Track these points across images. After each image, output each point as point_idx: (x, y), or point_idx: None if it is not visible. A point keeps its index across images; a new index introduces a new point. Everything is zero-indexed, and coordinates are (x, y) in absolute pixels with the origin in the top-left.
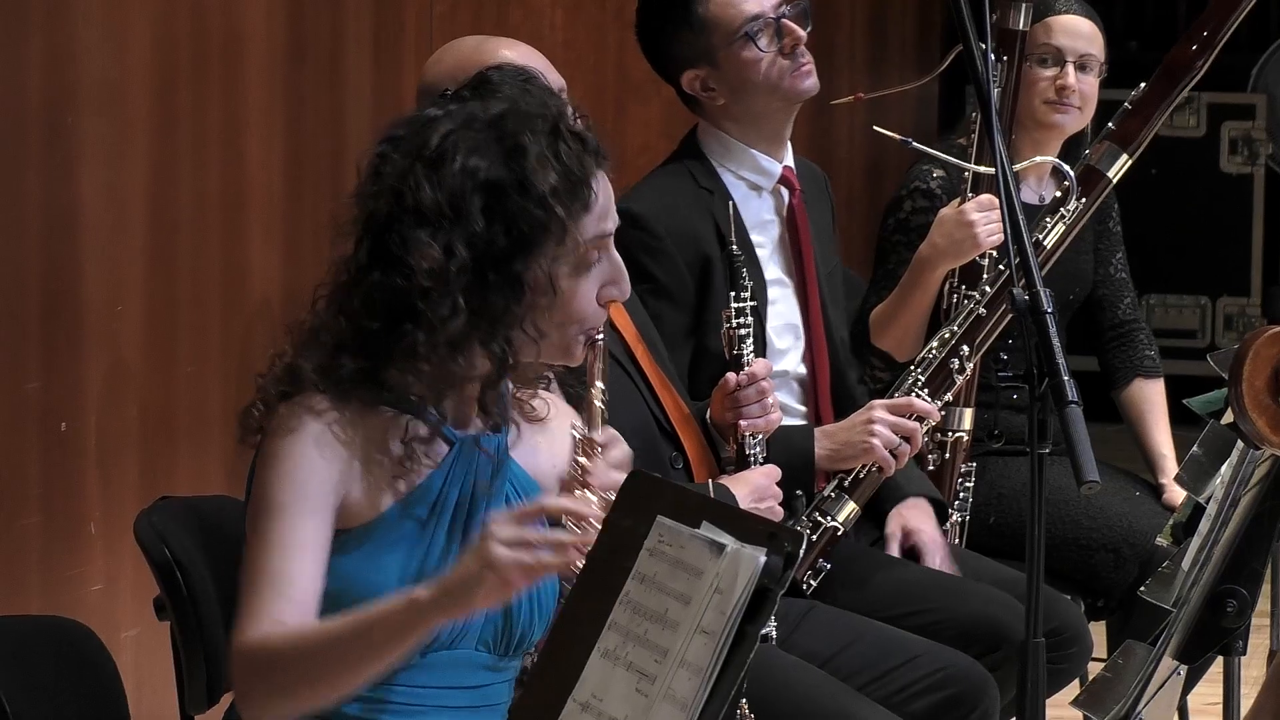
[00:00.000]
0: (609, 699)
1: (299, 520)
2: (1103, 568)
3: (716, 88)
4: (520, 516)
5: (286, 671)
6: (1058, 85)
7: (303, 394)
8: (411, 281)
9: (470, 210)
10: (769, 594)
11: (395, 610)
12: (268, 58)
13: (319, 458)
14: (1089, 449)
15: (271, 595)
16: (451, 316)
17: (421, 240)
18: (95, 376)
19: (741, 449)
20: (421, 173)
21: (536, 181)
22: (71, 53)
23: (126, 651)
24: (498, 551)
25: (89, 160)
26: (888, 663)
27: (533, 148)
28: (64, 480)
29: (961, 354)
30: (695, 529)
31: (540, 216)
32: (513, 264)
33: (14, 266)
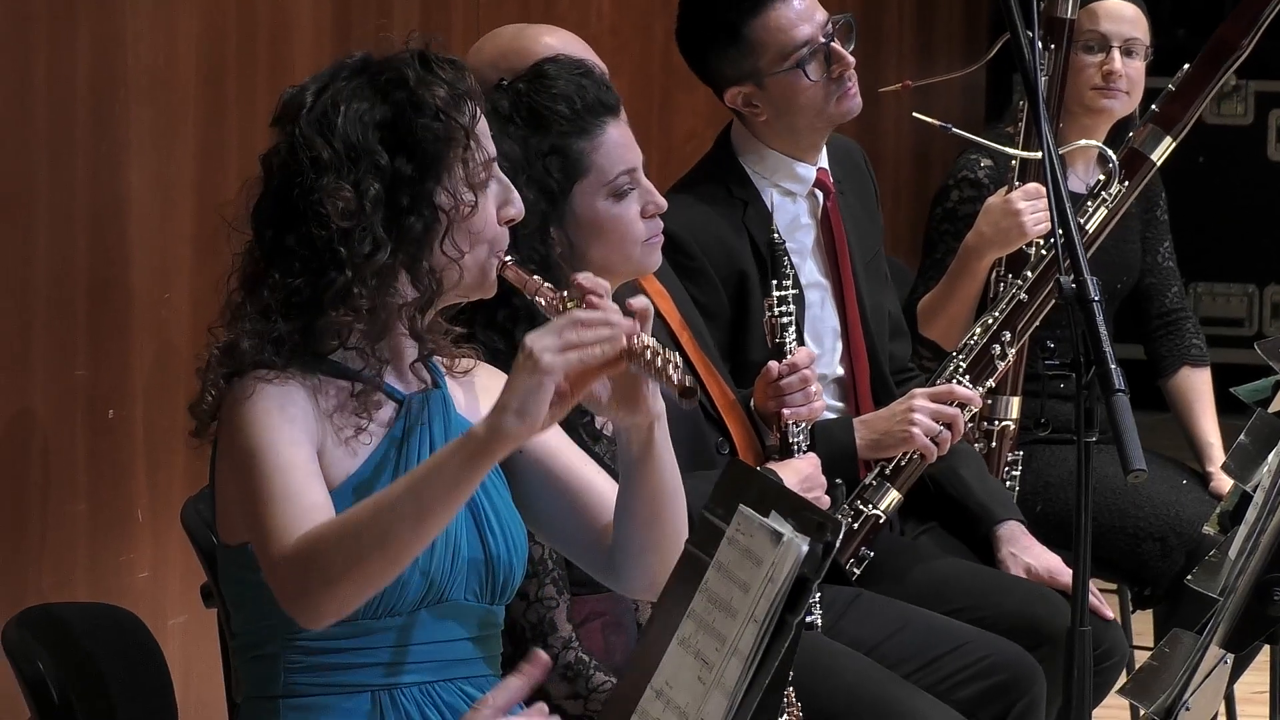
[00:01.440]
0: (677, 686)
1: (289, 449)
2: (1150, 556)
3: (761, 105)
4: (554, 327)
5: (336, 554)
6: (1104, 71)
7: (245, 370)
8: (328, 227)
9: (369, 146)
10: (807, 583)
11: (452, 449)
12: (315, 46)
13: (289, 405)
14: (1136, 437)
15: (291, 509)
16: (375, 250)
17: (329, 185)
18: (143, 364)
19: (785, 437)
20: (308, 130)
21: (427, 100)
22: (120, 41)
23: (174, 638)
24: (548, 358)
25: (137, 148)
26: (935, 650)
27: (410, 73)
28: (111, 468)
29: (1003, 339)
30: (765, 518)
31: (439, 128)
32: (424, 184)
33: (62, 254)
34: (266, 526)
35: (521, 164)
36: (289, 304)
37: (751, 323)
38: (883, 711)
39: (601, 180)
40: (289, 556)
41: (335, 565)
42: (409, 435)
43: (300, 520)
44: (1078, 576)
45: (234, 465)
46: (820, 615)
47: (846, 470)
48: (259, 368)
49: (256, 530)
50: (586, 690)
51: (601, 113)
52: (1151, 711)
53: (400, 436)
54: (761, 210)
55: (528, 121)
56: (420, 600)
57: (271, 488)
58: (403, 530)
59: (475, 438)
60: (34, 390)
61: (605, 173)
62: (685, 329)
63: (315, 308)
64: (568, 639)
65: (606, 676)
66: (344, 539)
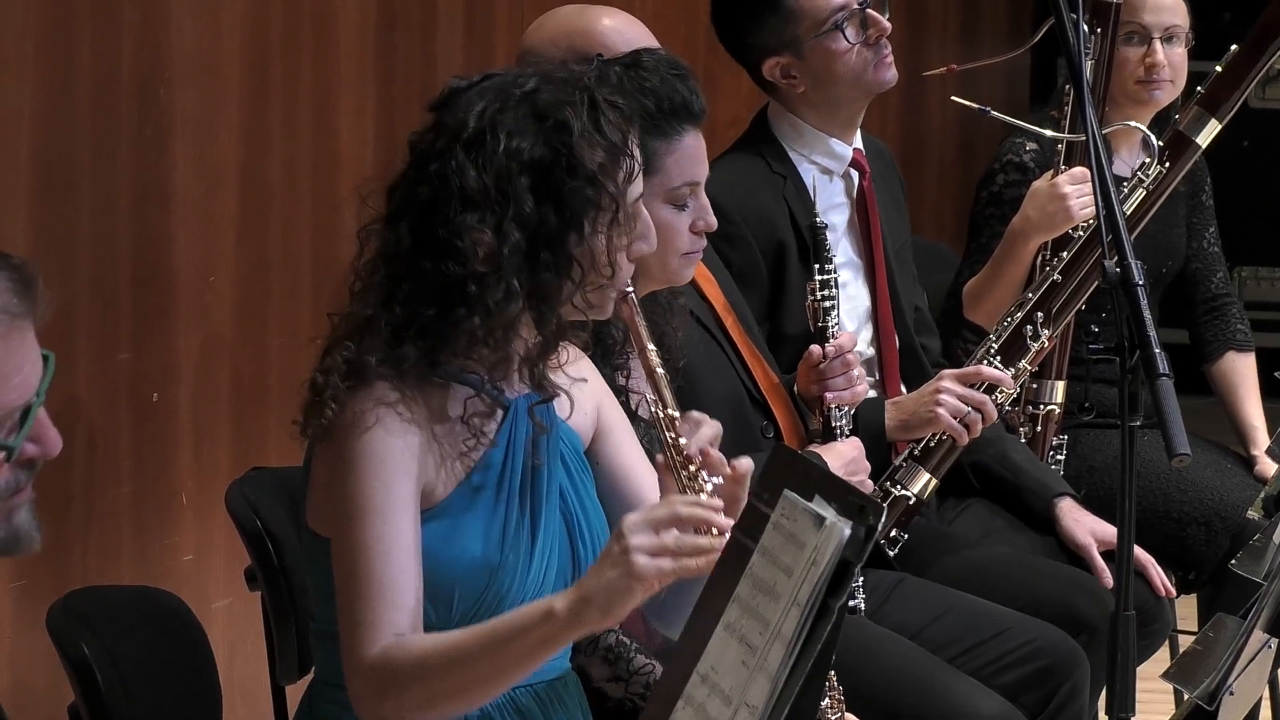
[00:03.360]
0: (722, 671)
1: (395, 521)
2: (1194, 541)
3: (798, 76)
4: (654, 523)
5: (417, 688)
6: (1147, 64)
7: (367, 385)
8: (466, 267)
9: (518, 191)
10: (849, 567)
11: (531, 623)
12: (359, 28)
13: (400, 449)
14: (1180, 422)
15: (383, 605)
16: (506, 300)
17: (471, 225)
18: (187, 347)
19: (827, 421)
20: (462, 156)
21: (585, 160)
22: (164, 25)
23: (218, 622)
24: (642, 563)
25: (181, 132)
26: (978, 635)
27: (575, 124)
28: (156, 451)
29: (1035, 320)
30: (809, 502)
31: (591, 195)
32: (565, 242)
33: (106, 237)
34: (353, 613)
35: None
36: (419, 330)
37: (789, 296)
38: (925, 696)
39: (665, 184)
40: (369, 669)
41: (414, 699)
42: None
43: (390, 625)
44: (1122, 561)
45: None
46: (863, 600)
47: (876, 451)
48: (379, 381)
49: (345, 607)
50: (628, 673)
51: (685, 119)
52: (1195, 696)
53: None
54: (800, 186)
55: None
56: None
57: (370, 570)
58: (476, 686)
59: (555, 620)
60: (78, 374)
61: (671, 178)
62: (730, 312)
63: (444, 342)
64: None
65: (648, 659)
66: (426, 676)
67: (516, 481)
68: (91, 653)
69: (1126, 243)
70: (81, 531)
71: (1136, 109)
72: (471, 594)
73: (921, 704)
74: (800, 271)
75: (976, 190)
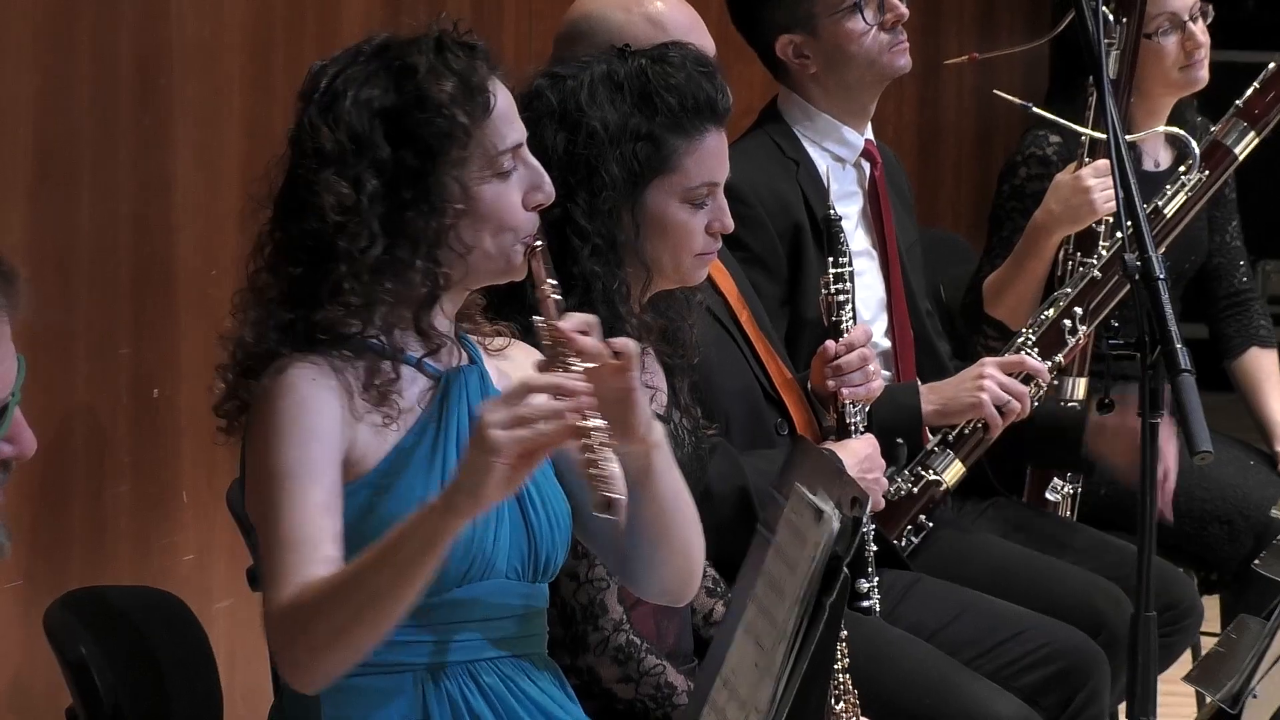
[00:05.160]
0: (740, 674)
1: (306, 480)
2: (1216, 540)
3: (811, 55)
4: (508, 398)
5: (321, 621)
6: (1188, 47)
7: (264, 363)
8: (326, 221)
9: (374, 140)
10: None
11: (413, 526)
12: (364, 16)
13: (312, 411)
14: (1202, 418)
15: (295, 560)
16: (370, 245)
17: (328, 180)
18: (189, 342)
19: (842, 417)
20: (315, 116)
21: (432, 92)
22: (165, 13)
23: (219, 623)
24: (496, 435)
25: (182, 122)
26: (995, 636)
27: (421, 63)
28: (156, 448)
29: (1074, 315)
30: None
31: (442, 125)
32: (425, 178)
33: (106, 230)
34: (266, 571)
35: (615, 137)
36: (290, 294)
37: (807, 280)
38: (942, 699)
39: (683, 184)
40: (279, 619)
41: (320, 633)
42: (445, 411)
43: (299, 572)
44: (1143, 561)
45: (255, 467)
46: (878, 600)
47: (910, 434)
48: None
49: (263, 567)
50: (638, 674)
51: (709, 118)
52: (1217, 699)
53: (438, 412)
54: (813, 171)
55: (636, 100)
56: (461, 577)
57: (283, 530)
58: (377, 603)
59: (431, 513)
60: (77, 369)
61: (690, 178)
62: (744, 307)
63: (314, 300)
64: (619, 621)
65: (659, 660)
66: (331, 606)
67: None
68: (90, 655)
69: (1148, 236)
70: (80, 530)
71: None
72: None
73: (938, 707)
74: (818, 256)
75: (998, 183)
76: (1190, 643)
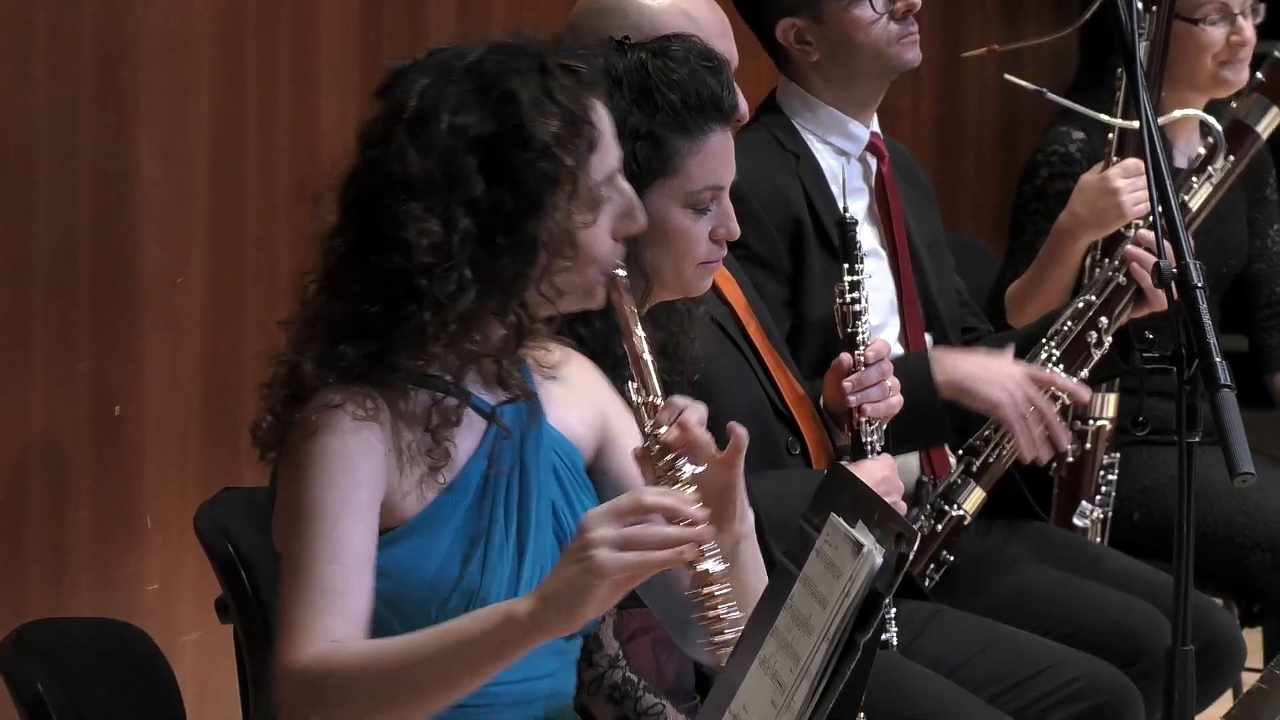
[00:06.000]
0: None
1: (347, 527)
2: (1258, 568)
3: (814, 42)
4: (617, 513)
5: (350, 694)
6: (1233, 42)
7: (311, 391)
8: (411, 260)
9: (465, 173)
10: (878, 599)
11: (490, 627)
12: (342, 6)
13: (356, 452)
14: (1243, 437)
15: (324, 610)
16: (459, 292)
17: (416, 214)
18: (153, 356)
19: (858, 436)
20: (404, 139)
21: (537, 131)
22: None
23: (186, 657)
24: (603, 558)
25: (146, 118)
26: (1021, 672)
27: (523, 93)
28: (118, 470)
29: (1100, 326)
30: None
31: (547, 169)
32: (523, 225)
33: (64, 235)
34: (289, 617)
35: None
36: (360, 329)
37: (810, 279)
38: None
39: (686, 187)
40: (300, 671)
41: (345, 706)
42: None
43: (328, 631)
44: (1180, 591)
45: (288, 507)
46: (896, 633)
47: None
48: (325, 390)
49: (283, 611)
50: (635, 713)
51: (713, 117)
52: None
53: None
54: (814, 165)
55: (636, 96)
56: None
57: (314, 576)
58: (425, 692)
59: (515, 624)
60: (33, 385)
61: (693, 181)
62: (752, 318)
63: (389, 340)
64: (614, 657)
65: (657, 698)
66: (361, 681)
67: (501, 498)
68: (46, 692)
69: (1185, 240)
70: (37, 558)
71: (1205, 94)
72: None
73: None
74: (820, 254)
75: (1019, 184)
76: (1231, 684)
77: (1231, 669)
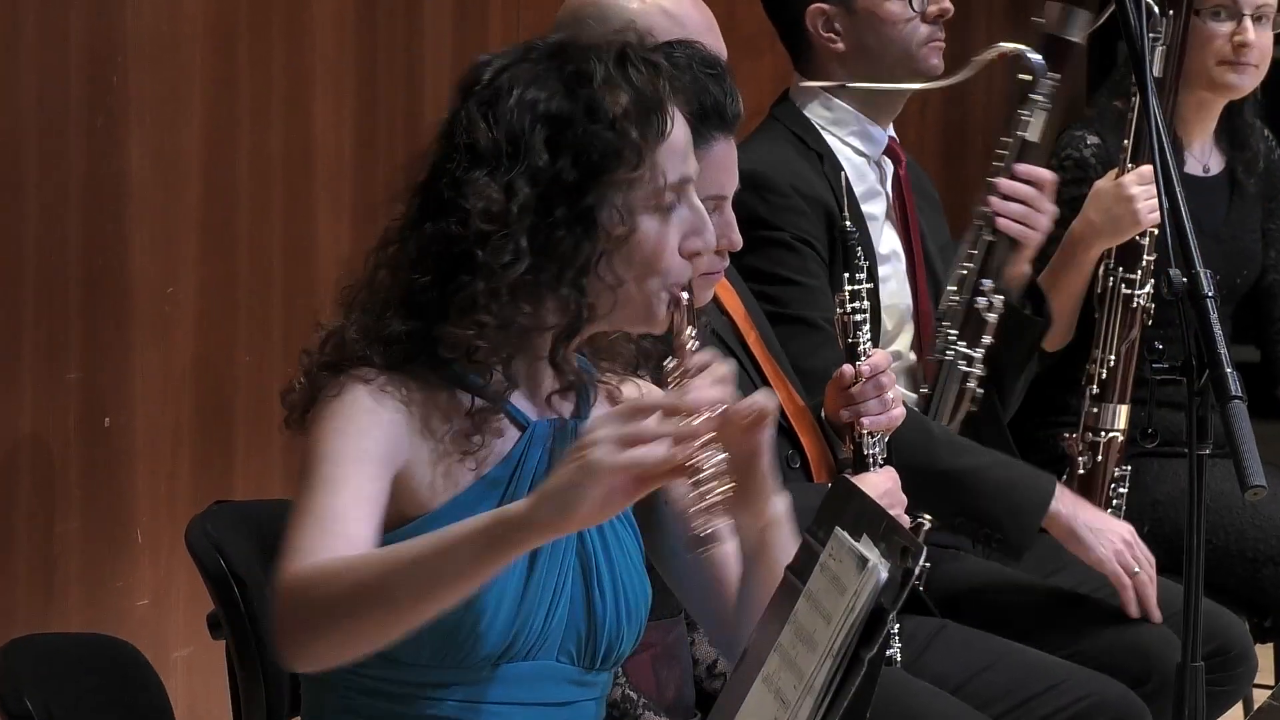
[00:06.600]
0: None
1: (351, 466)
2: (1269, 582)
3: (841, 33)
4: (619, 415)
5: (336, 597)
6: (1235, 42)
7: (347, 362)
8: (467, 226)
9: (533, 144)
10: (883, 615)
11: (477, 527)
12: (336, 9)
13: (376, 414)
14: (1254, 449)
15: (318, 531)
16: (514, 261)
17: (478, 180)
18: (143, 365)
19: (859, 449)
20: (475, 111)
21: (605, 104)
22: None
23: (177, 673)
24: (599, 454)
25: (137, 122)
26: (1028, 689)
27: (598, 71)
28: (108, 482)
29: (985, 289)
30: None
31: (611, 140)
32: (583, 196)
33: (53, 242)
34: (289, 542)
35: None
36: (410, 302)
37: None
38: None
39: None
40: (289, 585)
41: (325, 612)
42: (522, 467)
43: (323, 547)
44: (1190, 606)
45: (301, 461)
46: (900, 649)
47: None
48: (362, 365)
49: (283, 542)
50: None
51: (716, 124)
52: None
53: (514, 467)
54: (836, 165)
55: None
56: (497, 656)
57: (311, 503)
58: (405, 596)
59: (506, 520)
60: (22, 395)
61: None
62: (752, 328)
63: (437, 312)
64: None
65: (657, 716)
66: (343, 586)
67: None
68: (35, 709)
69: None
70: (24, 572)
71: (1212, 94)
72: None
73: None
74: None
75: None
76: (1243, 694)
77: (1242, 676)
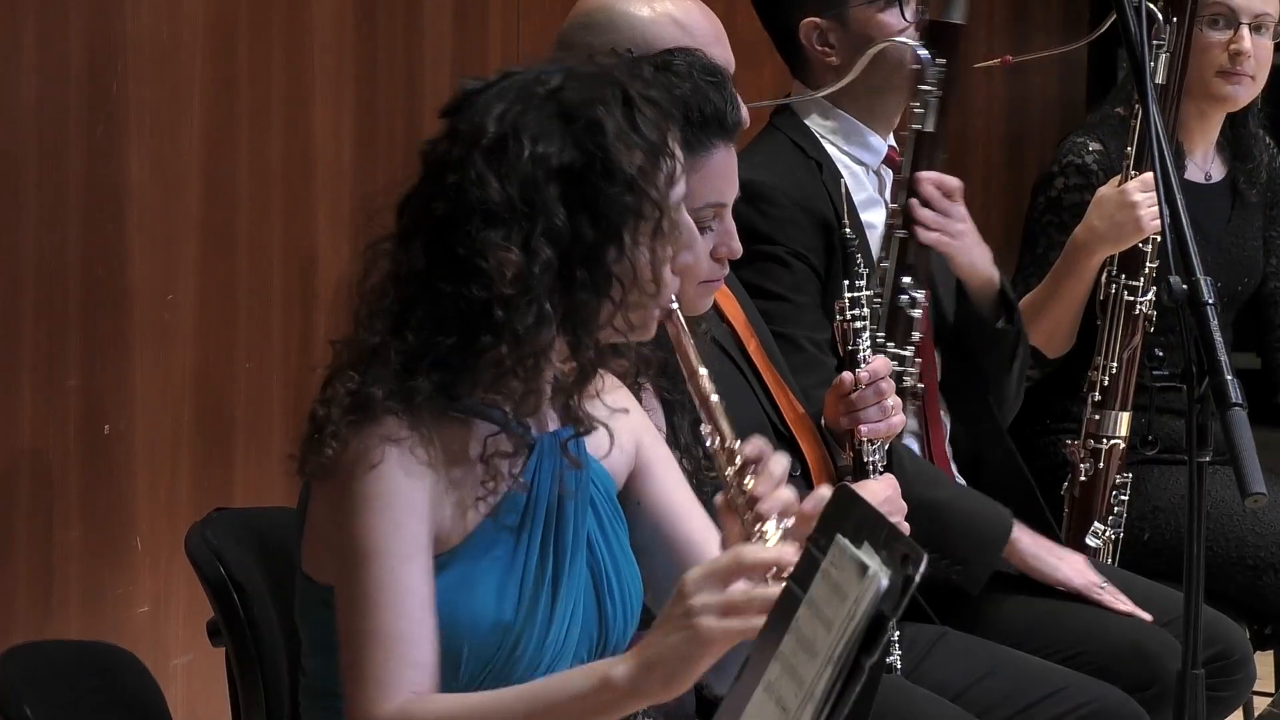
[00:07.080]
0: None
1: (405, 566)
2: (1270, 590)
3: (836, 46)
4: (718, 576)
5: None
6: (1231, 51)
7: (374, 420)
8: (491, 290)
9: (547, 201)
10: (883, 622)
11: (583, 690)
12: (336, 13)
13: (410, 487)
14: (1254, 457)
15: (396, 661)
16: (538, 324)
17: (495, 242)
18: (143, 373)
19: (859, 456)
20: (482, 165)
21: (622, 163)
22: (118, 9)
23: (177, 681)
24: (709, 625)
25: (136, 130)
26: (1029, 696)
27: (608, 123)
28: (108, 490)
29: (905, 287)
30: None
31: (631, 203)
32: (604, 257)
33: (53, 250)
34: (366, 671)
35: None
36: (433, 359)
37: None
38: None
39: (688, 205)
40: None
41: None
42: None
43: (407, 683)
44: (1189, 612)
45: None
46: (900, 656)
47: None
48: (388, 415)
49: (352, 663)
50: None
51: (716, 133)
52: None
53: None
54: (836, 174)
55: None
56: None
57: (380, 623)
58: None
59: (611, 689)
60: (21, 402)
61: (694, 198)
62: (753, 336)
63: (461, 370)
64: None
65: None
66: None
67: (539, 531)
68: (35, 717)
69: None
70: (23, 579)
71: (1210, 104)
72: (482, 655)
73: None
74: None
75: (1032, 195)
76: (1242, 700)
77: (1242, 682)
